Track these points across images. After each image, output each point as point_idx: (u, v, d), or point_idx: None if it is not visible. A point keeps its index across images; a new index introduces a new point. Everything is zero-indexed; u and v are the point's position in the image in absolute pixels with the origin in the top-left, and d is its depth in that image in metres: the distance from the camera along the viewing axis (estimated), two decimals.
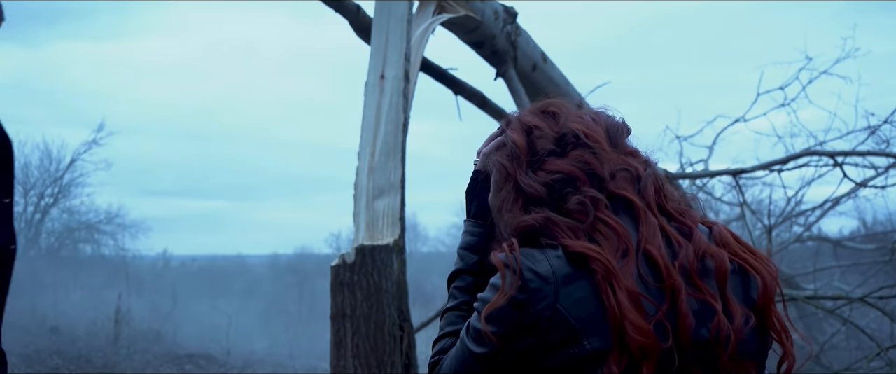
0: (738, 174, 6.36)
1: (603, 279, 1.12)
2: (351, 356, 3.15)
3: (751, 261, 1.23)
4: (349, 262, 3.21)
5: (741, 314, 1.17)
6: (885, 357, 5.29)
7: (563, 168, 1.24)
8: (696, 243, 1.20)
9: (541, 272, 1.14)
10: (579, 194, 1.21)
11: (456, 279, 1.39)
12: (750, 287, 1.22)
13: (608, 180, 1.23)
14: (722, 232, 1.26)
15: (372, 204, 3.40)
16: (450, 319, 1.35)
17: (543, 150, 1.28)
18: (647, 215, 1.21)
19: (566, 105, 1.35)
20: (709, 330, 1.14)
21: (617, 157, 1.27)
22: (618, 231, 1.17)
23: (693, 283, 1.16)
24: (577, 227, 1.18)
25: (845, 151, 5.92)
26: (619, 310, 1.10)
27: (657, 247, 1.17)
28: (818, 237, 9.98)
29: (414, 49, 3.81)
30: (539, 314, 1.13)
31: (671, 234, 1.21)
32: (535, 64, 5.29)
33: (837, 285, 9.67)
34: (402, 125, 3.48)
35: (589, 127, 1.29)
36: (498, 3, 4.83)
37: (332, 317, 3.25)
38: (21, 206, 27.04)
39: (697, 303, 1.15)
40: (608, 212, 1.20)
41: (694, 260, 1.18)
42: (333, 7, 4.19)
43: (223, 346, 14.41)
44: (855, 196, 7.54)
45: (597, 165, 1.24)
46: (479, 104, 5.25)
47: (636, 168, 1.27)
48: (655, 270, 1.16)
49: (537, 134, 1.30)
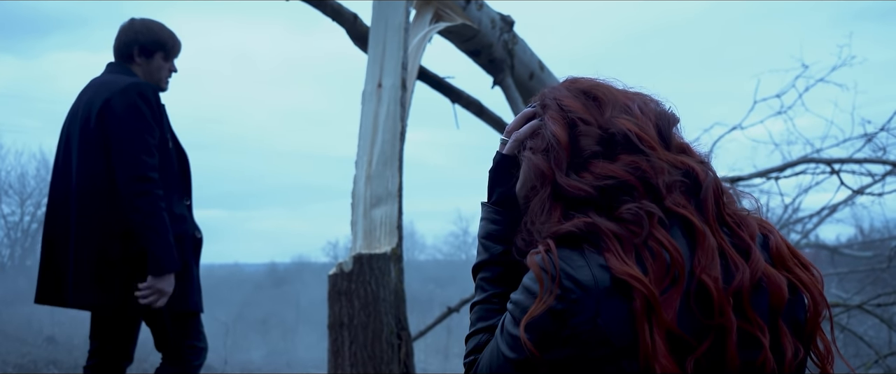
0: (736, 182, 6.36)
1: (642, 312, 1.03)
2: (349, 364, 3.14)
3: (803, 278, 1.15)
4: (347, 271, 3.21)
5: (792, 348, 1.09)
6: (883, 365, 5.28)
7: (617, 173, 1.12)
8: (753, 265, 1.10)
9: (582, 281, 1.06)
10: (636, 204, 1.10)
11: (481, 270, 1.28)
12: (798, 308, 1.14)
13: (665, 194, 1.12)
14: (778, 244, 1.16)
15: (369, 213, 3.39)
16: (479, 313, 1.26)
17: (588, 149, 1.16)
18: (706, 238, 1.10)
19: (611, 89, 1.23)
20: (755, 367, 1.07)
21: (671, 159, 1.16)
22: (672, 254, 1.06)
23: (743, 312, 1.07)
24: (627, 238, 1.08)
25: (842, 159, 5.93)
26: (653, 349, 1.02)
27: (714, 279, 1.07)
28: (815, 245, 9.98)
29: (411, 58, 3.82)
30: (577, 327, 1.05)
31: (729, 253, 1.11)
32: (533, 72, 5.30)
33: (835, 292, 9.66)
34: (399, 134, 3.48)
35: (640, 126, 1.16)
36: (495, 11, 4.84)
37: (330, 326, 3.24)
38: (18, 215, 27.00)
39: (745, 334, 1.07)
40: (663, 231, 1.09)
41: (748, 286, 1.08)
42: (331, 16, 4.20)
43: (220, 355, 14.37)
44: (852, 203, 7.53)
45: (652, 175, 1.13)
46: (476, 113, 5.26)
47: (696, 173, 1.16)
48: (707, 303, 1.06)
49: (582, 129, 1.17)
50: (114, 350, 2.89)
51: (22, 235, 26.94)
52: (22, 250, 27.01)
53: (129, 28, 2.93)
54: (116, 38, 2.93)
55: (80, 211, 2.71)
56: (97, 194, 2.69)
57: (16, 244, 27.11)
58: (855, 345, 7.63)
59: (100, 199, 2.69)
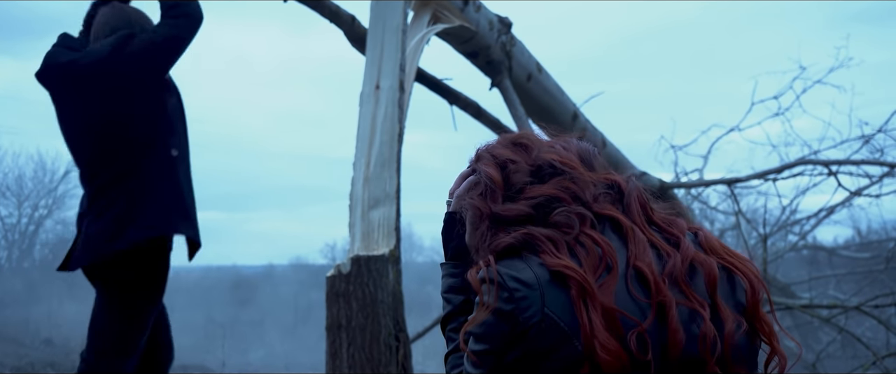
0: (733, 183, 6.37)
1: (578, 296, 1.12)
2: (347, 367, 3.14)
3: (736, 264, 1.25)
4: (345, 272, 3.20)
5: (732, 320, 1.17)
6: (881, 366, 5.29)
7: (547, 191, 1.24)
8: (683, 251, 1.21)
9: (525, 280, 1.15)
10: (567, 209, 1.22)
11: (449, 323, 1.37)
12: (737, 290, 1.23)
13: (592, 202, 1.24)
14: (708, 237, 1.28)
15: (367, 214, 3.39)
16: (453, 362, 1.34)
17: (520, 182, 1.27)
18: (634, 232, 1.22)
19: (536, 137, 1.36)
20: (697, 340, 1.15)
21: (596, 176, 1.29)
22: (602, 247, 1.17)
23: (681, 290, 1.17)
24: (559, 239, 1.19)
25: (839, 160, 5.93)
26: (590, 328, 1.10)
27: (647, 263, 1.18)
28: (813, 246, 10.00)
29: (409, 59, 3.82)
30: (528, 320, 1.13)
31: (659, 245, 1.22)
32: (530, 74, 5.30)
33: (833, 293, 9.68)
34: (397, 136, 3.48)
35: (562, 155, 1.30)
36: (493, 13, 4.84)
37: (328, 328, 3.24)
38: (15, 218, 26.95)
39: (686, 311, 1.16)
40: (593, 230, 1.20)
41: (682, 268, 1.19)
42: (328, 18, 4.20)
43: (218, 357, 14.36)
44: (849, 205, 7.55)
45: (578, 189, 1.25)
46: (473, 114, 5.26)
47: (618, 183, 1.28)
48: (645, 286, 1.16)
49: (512, 168, 1.29)
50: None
51: (19, 237, 26.89)
52: (19, 252, 26.95)
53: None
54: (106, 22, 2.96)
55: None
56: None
57: (13, 247, 27.05)
58: (853, 347, 7.64)
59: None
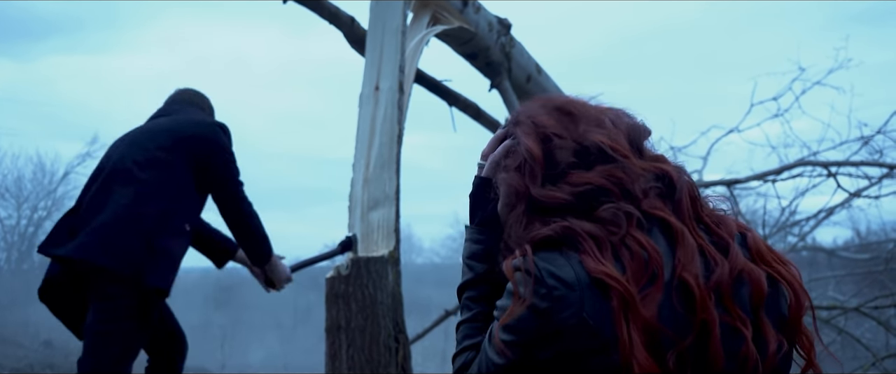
0: (733, 184, 6.38)
1: (619, 310, 1.05)
2: (346, 368, 3.14)
3: (783, 272, 1.17)
4: (344, 274, 3.20)
5: (775, 340, 1.11)
6: (880, 367, 5.29)
7: (593, 180, 1.15)
8: (732, 260, 1.13)
9: (565, 278, 1.07)
10: (614, 204, 1.13)
11: (467, 290, 1.30)
12: (780, 301, 1.16)
13: (641, 199, 1.15)
14: (756, 240, 1.19)
15: (367, 216, 3.39)
16: (465, 331, 1.27)
17: (563, 162, 1.18)
18: (685, 237, 1.13)
19: (583, 105, 1.26)
20: (737, 361, 1.09)
21: (645, 165, 1.19)
22: (649, 252, 1.09)
23: (725, 306, 1.09)
24: (603, 238, 1.10)
25: (839, 162, 5.94)
26: (630, 345, 1.04)
27: (694, 275, 1.09)
28: (812, 247, 9.99)
29: (408, 61, 3.82)
30: (563, 322, 1.06)
31: (708, 251, 1.14)
32: (530, 75, 5.30)
33: (832, 295, 9.67)
34: (396, 137, 3.48)
35: (612, 138, 1.19)
36: (492, 14, 4.84)
37: (328, 329, 3.23)
38: (14, 219, 26.94)
39: (728, 328, 1.09)
40: (640, 231, 1.12)
41: (728, 280, 1.11)
42: (328, 19, 4.20)
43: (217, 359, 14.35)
44: (849, 206, 7.53)
45: (627, 181, 1.15)
46: (473, 116, 5.26)
47: (670, 176, 1.19)
48: (690, 300, 1.08)
49: (556, 143, 1.20)
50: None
51: (19, 238, 26.87)
52: (18, 253, 26.93)
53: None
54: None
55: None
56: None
57: (12, 248, 27.04)
58: (852, 348, 7.63)
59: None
